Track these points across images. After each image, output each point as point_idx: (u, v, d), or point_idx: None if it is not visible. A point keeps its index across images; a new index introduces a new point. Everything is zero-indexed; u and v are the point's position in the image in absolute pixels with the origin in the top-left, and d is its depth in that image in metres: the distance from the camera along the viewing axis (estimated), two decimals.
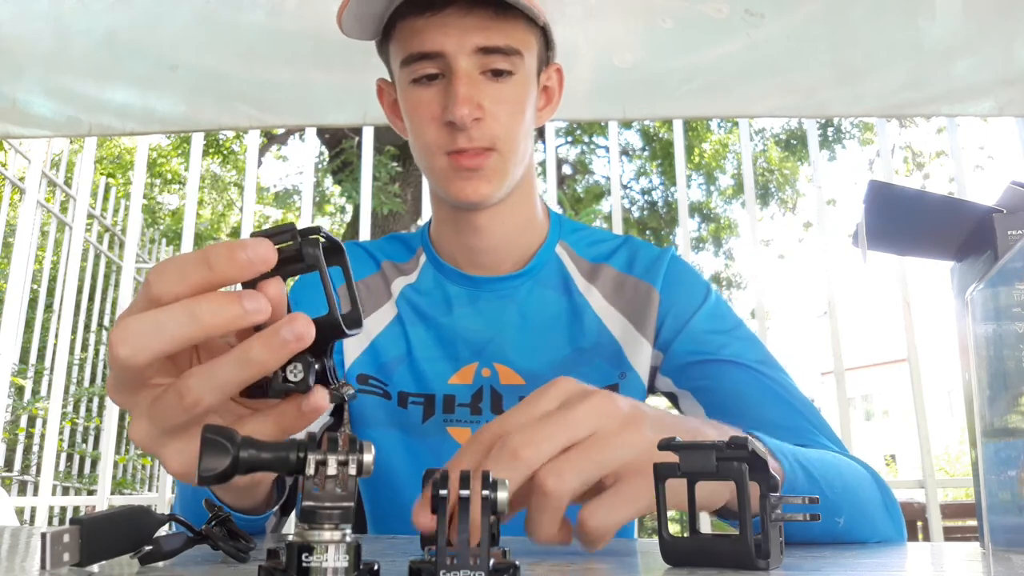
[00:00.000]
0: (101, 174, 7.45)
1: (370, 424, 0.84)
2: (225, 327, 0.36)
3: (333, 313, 0.38)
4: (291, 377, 0.38)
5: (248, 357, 0.36)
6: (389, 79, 0.86)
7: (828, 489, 0.55)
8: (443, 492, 0.33)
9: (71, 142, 3.33)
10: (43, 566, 0.37)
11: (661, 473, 0.39)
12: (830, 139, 7.57)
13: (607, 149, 7.05)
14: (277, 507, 0.66)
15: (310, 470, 0.31)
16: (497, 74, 0.76)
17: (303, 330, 0.36)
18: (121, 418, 4.51)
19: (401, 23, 0.77)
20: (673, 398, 0.85)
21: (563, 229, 0.91)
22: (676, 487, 0.40)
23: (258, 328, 0.37)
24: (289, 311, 0.38)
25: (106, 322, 4.19)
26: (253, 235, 0.38)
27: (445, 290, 0.87)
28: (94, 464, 3.85)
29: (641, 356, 0.84)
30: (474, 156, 0.76)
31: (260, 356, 0.36)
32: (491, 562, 0.32)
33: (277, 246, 0.37)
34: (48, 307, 3.77)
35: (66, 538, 0.38)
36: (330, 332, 0.38)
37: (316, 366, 0.39)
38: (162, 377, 0.39)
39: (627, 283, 0.87)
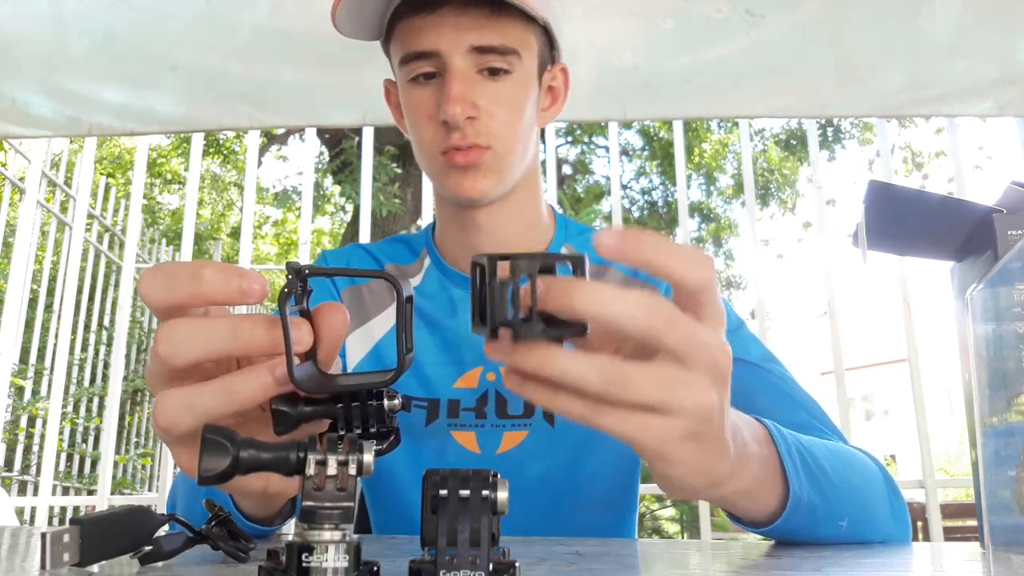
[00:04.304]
0: (101, 174, 7.45)
1: None
2: (262, 350, 0.37)
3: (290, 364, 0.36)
4: (276, 429, 0.38)
5: (231, 390, 0.37)
6: (395, 79, 0.86)
7: (832, 492, 0.55)
8: (443, 493, 0.33)
9: (71, 142, 3.34)
10: (43, 566, 0.37)
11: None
12: (830, 139, 7.56)
13: (607, 149, 7.05)
14: (290, 520, 0.66)
15: (310, 470, 0.31)
16: (493, 73, 0.76)
17: (283, 374, 0.36)
18: (121, 418, 4.51)
19: (400, 23, 0.77)
20: None
21: (568, 231, 0.91)
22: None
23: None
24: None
25: (106, 322, 4.19)
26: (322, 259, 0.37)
27: (449, 294, 0.87)
28: (94, 464, 3.85)
29: None
30: (467, 153, 0.75)
31: (242, 392, 0.37)
32: (491, 563, 0.32)
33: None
34: (48, 307, 3.76)
35: (66, 538, 0.38)
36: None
37: (295, 414, 0.38)
38: (199, 378, 0.39)
39: (632, 285, 0.87)
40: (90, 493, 3.69)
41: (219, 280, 0.36)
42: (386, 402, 0.38)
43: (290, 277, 0.36)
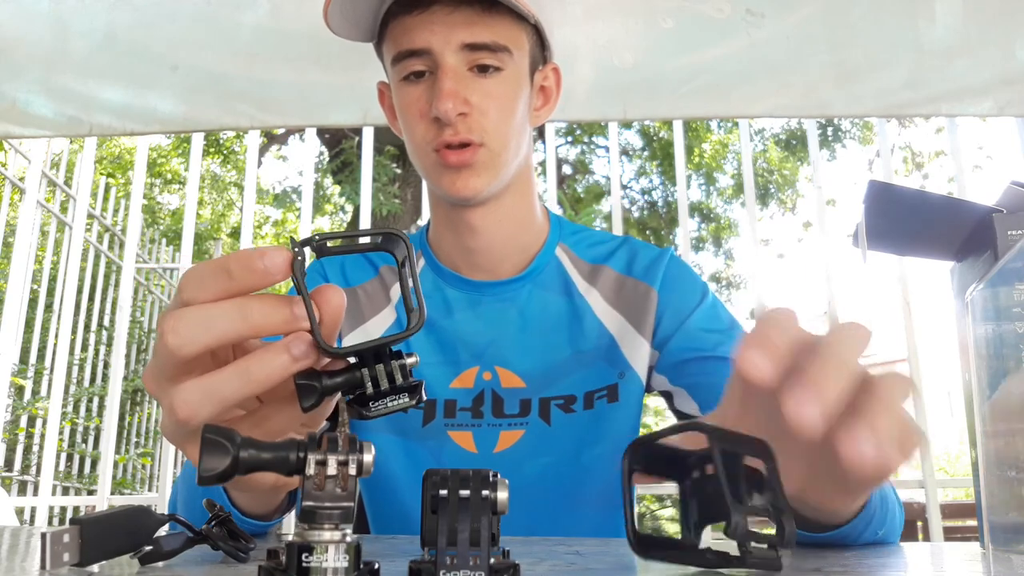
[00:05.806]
0: (101, 174, 7.45)
1: (368, 427, 0.84)
2: (273, 329, 0.36)
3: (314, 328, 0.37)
4: (304, 404, 0.37)
5: (249, 373, 0.36)
6: (388, 81, 0.86)
7: (882, 500, 0.55)
8: (443, 493, 0.33)
9: (71, 142, 3.34)
10: (43, 566, 0.37)
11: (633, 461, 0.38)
12: (830, 139, 7.56)
13: (607, 149, 7.05)
14: (287, 514, 0.66)
15: (310, 470, 0.31)
16: (484, 70, 0.76)
17: (304, 350, 0.36)
18: (121, 418, 4.51)
19: (392, 22, 0.77)
20: (668, 396, 0.85)
21: (563, 231, 0.91)
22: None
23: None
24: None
25: (106, 322, 4.19)
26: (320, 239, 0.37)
27: (444, 294, 0.87)
28: (94, 464, 3.85)
29: (640, 356, 0.84)
30: (460, 153, 0.76)
31: (261, 373, 0.36)
32: (491, 562, 0.32)
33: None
34: (48, 307, 3.76)
35: (66, 538, 0.38)
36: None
37: (325, 386, 0.37)
38: (200, 372, 0.39)
39: (627, 284, 0.87)
40: (90, 493, 3.68)
41: (245, 268, 0.36)
42: (407, 360, 0.38)
43: (296, 249, 0.36)
